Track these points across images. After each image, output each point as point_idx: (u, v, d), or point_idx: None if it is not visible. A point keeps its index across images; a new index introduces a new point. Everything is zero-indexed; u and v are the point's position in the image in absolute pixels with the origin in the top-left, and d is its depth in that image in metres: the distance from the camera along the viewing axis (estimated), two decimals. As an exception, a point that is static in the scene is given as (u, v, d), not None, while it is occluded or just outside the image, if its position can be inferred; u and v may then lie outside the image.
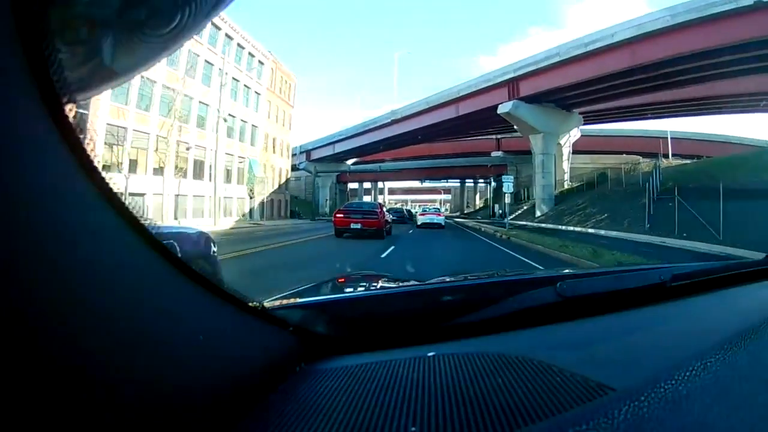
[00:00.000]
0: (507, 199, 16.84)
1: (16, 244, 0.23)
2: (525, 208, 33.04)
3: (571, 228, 18.91)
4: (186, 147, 21.44)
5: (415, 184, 70.51)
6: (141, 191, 17.83)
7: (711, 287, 0.82)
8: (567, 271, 1.50)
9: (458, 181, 64.81)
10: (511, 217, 33.24)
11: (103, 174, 0.29)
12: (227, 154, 24.03)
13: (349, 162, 48.19)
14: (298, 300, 0.80)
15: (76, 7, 0.28)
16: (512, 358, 0.51)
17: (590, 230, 17.19)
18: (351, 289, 1.14)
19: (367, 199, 72.52)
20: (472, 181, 66.44)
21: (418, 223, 20.21)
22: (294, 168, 43.54)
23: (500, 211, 39.22)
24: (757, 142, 33.09)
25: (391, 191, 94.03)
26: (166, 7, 0.32)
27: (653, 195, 16.33)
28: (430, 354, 0.54)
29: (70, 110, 0.26)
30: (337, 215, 12.24)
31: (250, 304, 0.47)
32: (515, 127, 27.66)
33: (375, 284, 1.31)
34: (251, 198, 26.37)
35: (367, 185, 71.11)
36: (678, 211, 13.65)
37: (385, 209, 14.54)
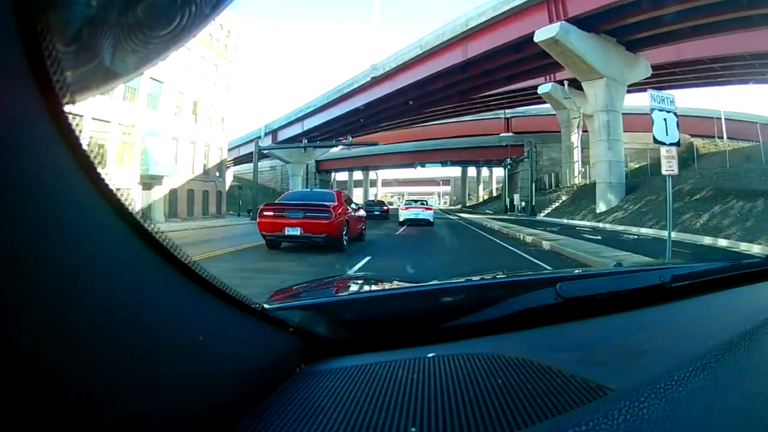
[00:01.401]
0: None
1: (16, 244, 0.23)
2: (564, 199, 23.41)
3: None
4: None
5: (411, 174, 61.66)
6: None
7: (711, 288, 0.81)
8: (567, 271, 1.31)
9: (459, 168, 55.90)
10: (546, 212, 23.20)
11: (104, 174, 0.29)
12: (96, 119, 14.58)
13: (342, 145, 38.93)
14: (299, 301, 0.80)
15: (76, 7, 0.28)
16: (512, 359, 0.51)
17: None
18: (351, 290, 1.13)
19: (357, 192, 63.52)
20: (474, 169, 57.56)
21: (401, 219, 15.67)
22: (261, 155, 34.40)
23: (522, 204, 30.07)
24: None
25: (386, 183, 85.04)
26: (166, 8, 0.32)
27: None
28: (430, 355, 0.54)
29: (70, 110, 0.26)
30: (264, 213, 7.09)
31: (251, 305, 0.47)
32: (564, 67, 18.14)
33: (375, 285, 1.27)
34: (145, 188, 16.97)
35: (358, 176, 61.77)
36: None
37: (352, 205, 8.76)
